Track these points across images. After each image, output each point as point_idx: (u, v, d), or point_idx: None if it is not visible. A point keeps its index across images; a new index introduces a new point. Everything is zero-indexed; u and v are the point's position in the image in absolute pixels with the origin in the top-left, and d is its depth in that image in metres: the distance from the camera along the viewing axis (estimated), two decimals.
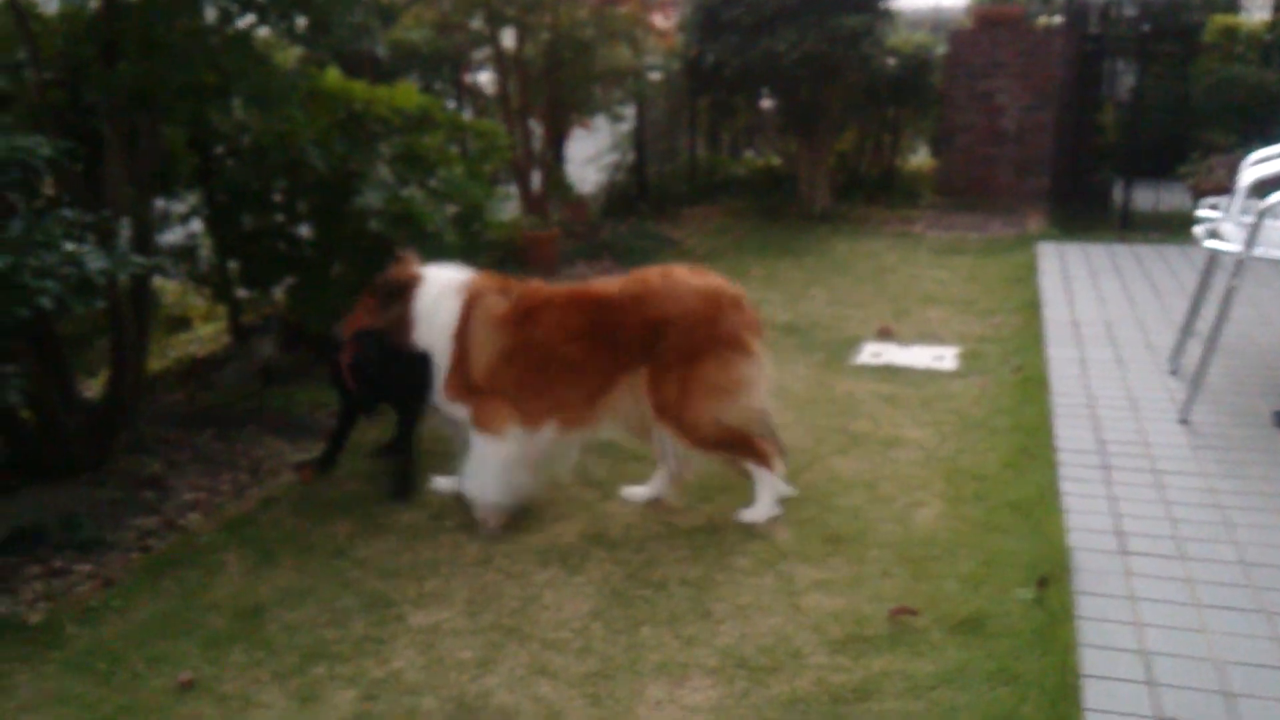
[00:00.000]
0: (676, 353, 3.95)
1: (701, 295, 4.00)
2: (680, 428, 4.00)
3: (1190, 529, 3.78)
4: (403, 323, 4.15)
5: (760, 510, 4.10)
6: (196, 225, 6.18)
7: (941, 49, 11.50)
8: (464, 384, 4.08)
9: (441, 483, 4.41)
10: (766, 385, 4.09)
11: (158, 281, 6.09)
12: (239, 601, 3.58)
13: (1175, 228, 8.99)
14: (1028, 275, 7.80)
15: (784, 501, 4.17)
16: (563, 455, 4.26)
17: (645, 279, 4.08)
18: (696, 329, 3.95)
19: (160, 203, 5.58)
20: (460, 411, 4.12)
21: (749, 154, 13.59)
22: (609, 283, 4.16)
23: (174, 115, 4.84)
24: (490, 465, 4.06)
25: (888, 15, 10.22)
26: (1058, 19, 11.29)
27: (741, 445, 4.09)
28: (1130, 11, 10.99)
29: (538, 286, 4.19)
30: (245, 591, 3.65)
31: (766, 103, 11.55)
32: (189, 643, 3.34)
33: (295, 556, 3.89)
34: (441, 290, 4.15)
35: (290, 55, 6.11)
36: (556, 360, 4.03)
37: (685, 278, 4.06)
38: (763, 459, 4.11)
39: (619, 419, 4.16)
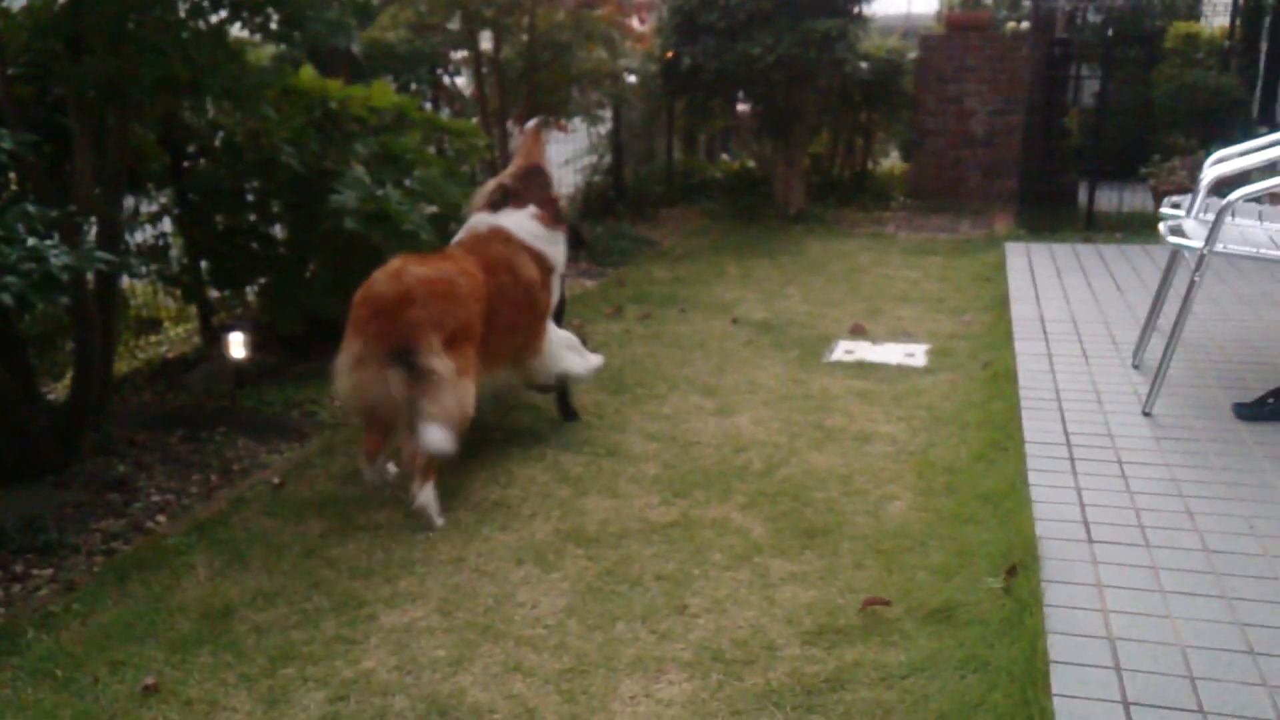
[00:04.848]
0: None
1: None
2: None
3: (1154, 518, 3.81)
4: None
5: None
6: (168, 225, 6.13)
7: (913, 54, 11.59)
8: None
9: None
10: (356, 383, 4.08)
11: (127, 282, 6.02)
12: (206, 604, 3.51)
13: (1137, 227, 9.12)
14: (996, 274, 7.87)
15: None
16: None
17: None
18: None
19: (130, 202, 5.53)
20: None
21: (724, 157, 13.65)
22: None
23: (145, 111, 4.80)
24: None
25: (861, 19, 10.28)
26: (1025, 25, 11.39)
27: None
28: (1095, 18, 11.14)
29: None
30: (213, 594, 3.58)
31: (742, 106, 11.59)
32: (153, 647, 3.27)
33: (265, 558, 3.84)
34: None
35: (264, 54, 6.08)
36: None
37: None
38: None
39: None
